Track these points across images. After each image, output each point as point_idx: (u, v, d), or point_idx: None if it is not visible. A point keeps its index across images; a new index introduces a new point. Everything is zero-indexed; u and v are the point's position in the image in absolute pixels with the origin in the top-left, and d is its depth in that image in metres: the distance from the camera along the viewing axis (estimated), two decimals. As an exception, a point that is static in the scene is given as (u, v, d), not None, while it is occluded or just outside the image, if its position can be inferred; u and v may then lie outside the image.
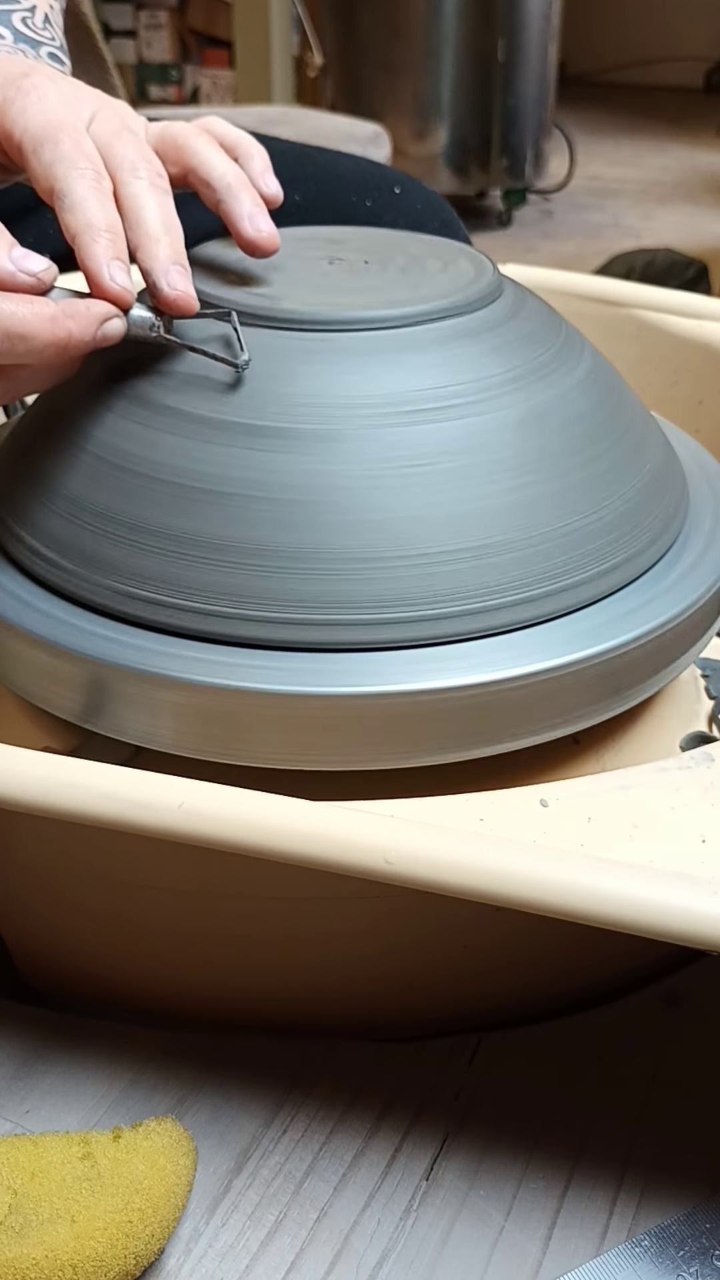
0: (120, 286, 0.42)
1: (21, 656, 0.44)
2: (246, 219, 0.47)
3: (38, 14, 0.61)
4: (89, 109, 0.48)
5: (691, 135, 3.74)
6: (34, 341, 0.40)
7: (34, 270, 0.41)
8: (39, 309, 0.40)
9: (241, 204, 0.47)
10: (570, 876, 0.33)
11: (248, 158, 0.50)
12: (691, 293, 0.73)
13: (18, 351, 0.40)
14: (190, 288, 0.44)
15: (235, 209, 0.47)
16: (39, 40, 0.59)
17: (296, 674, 0.41)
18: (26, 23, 0.60)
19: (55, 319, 0.41)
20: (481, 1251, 0.39)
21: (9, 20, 0.59)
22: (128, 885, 0.43)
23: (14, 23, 0.59)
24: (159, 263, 0.43)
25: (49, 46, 0.60)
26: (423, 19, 2.56)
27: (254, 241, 0.47)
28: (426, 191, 0.83)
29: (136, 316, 0.43)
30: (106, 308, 0.42)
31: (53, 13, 0.63)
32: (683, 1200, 0.40)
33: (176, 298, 0.43)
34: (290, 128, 1.70)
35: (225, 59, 3.20)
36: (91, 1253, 0.35)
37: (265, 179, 0.49)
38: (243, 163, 0.50)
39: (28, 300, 0.40)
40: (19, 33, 0.59)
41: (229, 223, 0.47)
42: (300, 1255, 0.38)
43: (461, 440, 0.43)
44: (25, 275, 0.41)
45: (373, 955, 0.44)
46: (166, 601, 0.42)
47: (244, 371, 0.43)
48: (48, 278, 0.42)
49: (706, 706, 0.52)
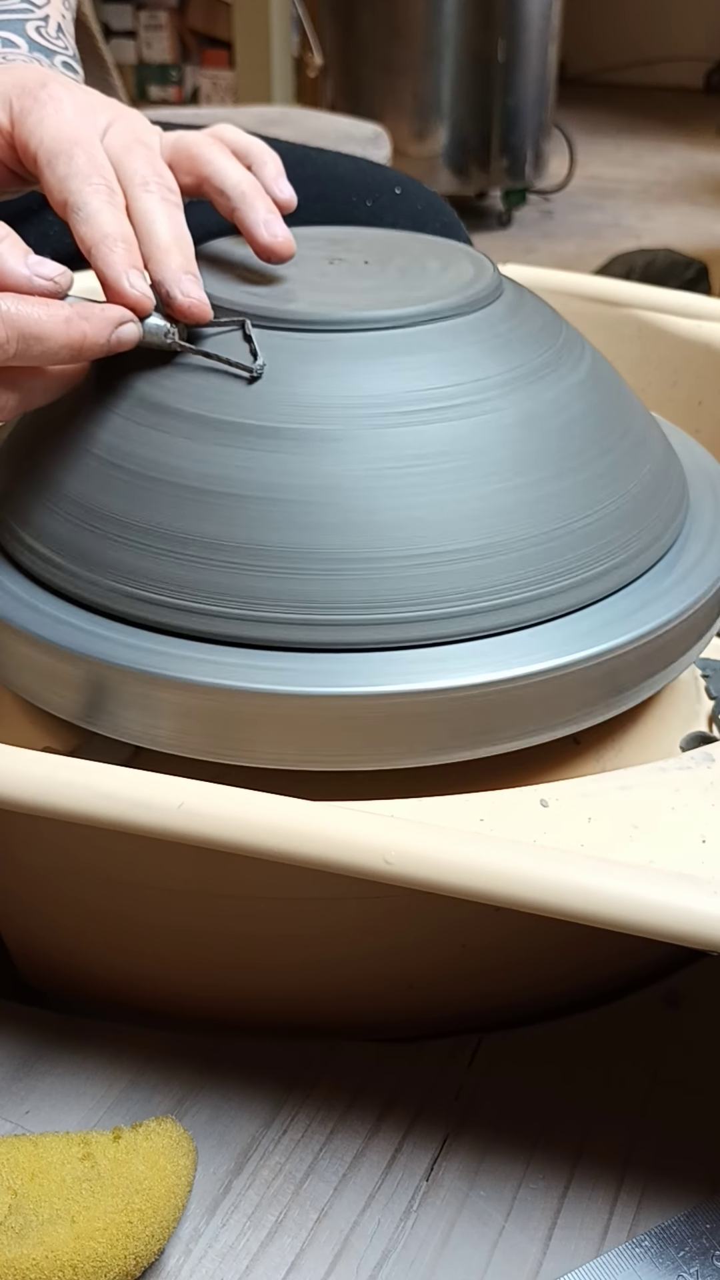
0: (140, 292, 0.43)
1: (22, 657, 0.44)
2: (262, 225, 0.47)
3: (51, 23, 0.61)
4: (104, 120, 0.48)
5: (691, 135, 3.74)
6: (49, 342, 0.41)
7: (50, 275, 0.42)
8: (54, 311, 0.41)
9: (256, 211, 0.47)
10: (570, 876, 0.33)
11: (260, 164, 0.50)
12: (692, 293, 0.73)
13: (33, 353, 0.41)
14: (204, 295, 0.44)
15: (250, 216, 0.47)
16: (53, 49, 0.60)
17: (296, 674, 0.41)
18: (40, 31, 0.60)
19: (70, 320, 0.41)
20: (482, 1252, 0.39)
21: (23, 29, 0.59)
22: (128, 885, 0.43)
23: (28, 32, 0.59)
24: (171, 272, 0.44)
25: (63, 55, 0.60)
26: (423, 19, 2.56)
27: (270, 247, 0.47)
28: (427, 192, 0.83)
29: (152, 324, 0.43)
30: (121, 312, 0.42)
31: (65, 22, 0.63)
32: (683, 1201, 0.40)
33: (190, 305, 0.44)
34: (290, 128, 1.70)
35: (225, 59, 3.20)
36: (91, 1253, 0.35)
37: (278, 184, 0.50)
38: (255, 169, 0.50)
39: (43, 303, 0.41)
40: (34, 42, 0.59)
41: (245, 230, 0.48)
42: (300, 1256, 0.38)
43: (462, 440, 0.43)
44: (41, 280, 0.41)
45: (373, 955, 0.44)
46: (166, 601, 0.42)
47: (258, 378, 0.43)
48: (64, 282, 0.42)
49: (706, 706, 0.52)
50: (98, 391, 0.46)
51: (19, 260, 0.41)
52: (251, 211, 0.47)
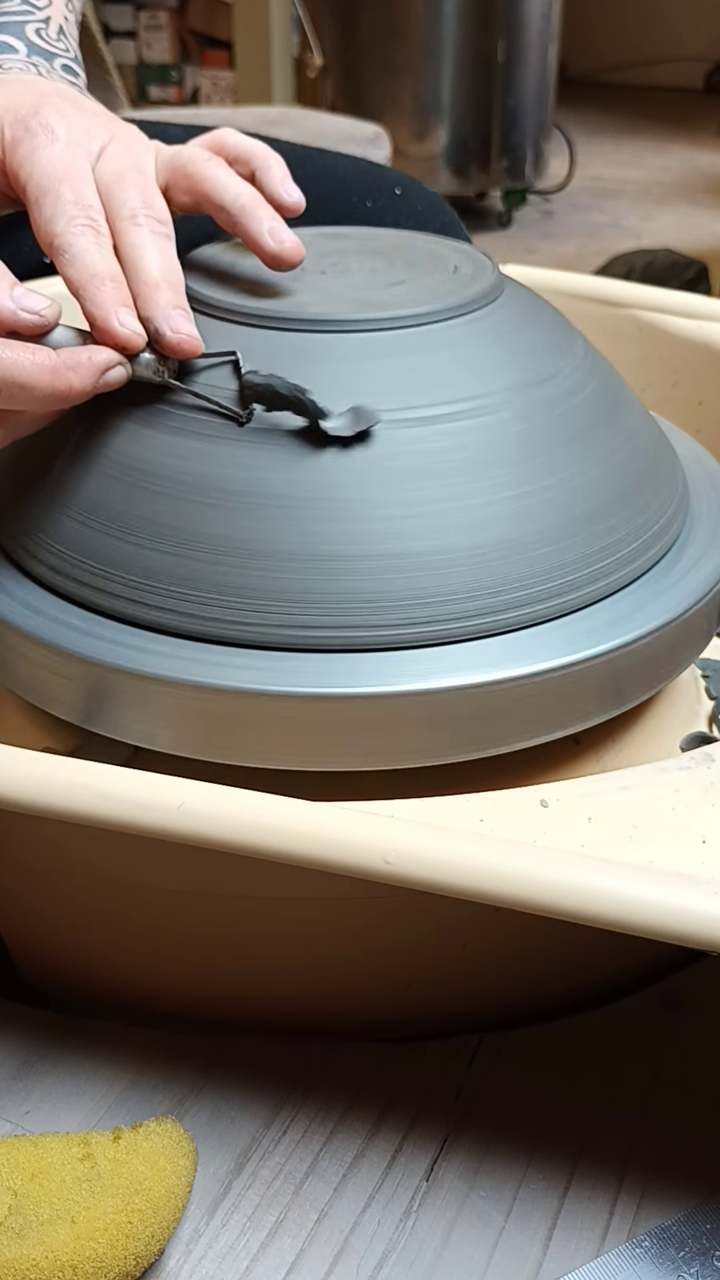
0: (131, 330, 0.42)
1: (22, 657, 0.44)
2: (267, 234, 0.46)
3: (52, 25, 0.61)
4: (98, 144, 0.48)
5: (691, 135, 3.74)
6: (34, 392, 0.40)
7: (36, 309, 0.41)
8: (40, 360, 0.40)
9: (259, 222, 0.47)
10: (570, 877, 0.33)
11: (265, 168, 0.49)
12: (692, 293, 0.73)
13: (17, 399, 0.40)
14: (193, 330, 0.43)
15: (253, 228, 0.47)
16: (53, 52, 0.59)
17: (296, 674, 0.41)
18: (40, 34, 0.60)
19: (56, 370, 0.40)
20: (482, 1252, 0.39)
21: (22, 32, 0.59)
22: (128, 885, 0.43)
23: (28, 34, 0.59)
24: (159, 308, 0.43)
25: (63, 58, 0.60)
26: (423, 20, 2.56)
27: (278, 255, 0.46)
28: (427, 192, 0.83)
29: (143, 359, 0.43)
30: (108, 357, 0.42)
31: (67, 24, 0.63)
32: (683, 1201, 0.40)
33: (179, 341, 0.43)
34: (290, 128, 1.70)
35: (225, 60, 3.20)
36: (91, 1254, 0.35)
37: (285, 187, 0.49)
38: (260, 173, 0.49)
39: (30, 350, 0.40)
40: (33, 45, 0.59)
41: (250, 243, 0.47)
42: (300, 1256, 0.38)
43: (462, 440, 0.43)
44: (27, 314, 0.41)
45: (372, 955, 0.44)
46: (166, 602, 0.42)
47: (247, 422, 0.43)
48: (50, 315, 0.41)
49: (707, 707, 0.52)
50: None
51: (4, 293, 0.41)
52: (254, 223, 0.47)
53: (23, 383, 0.40)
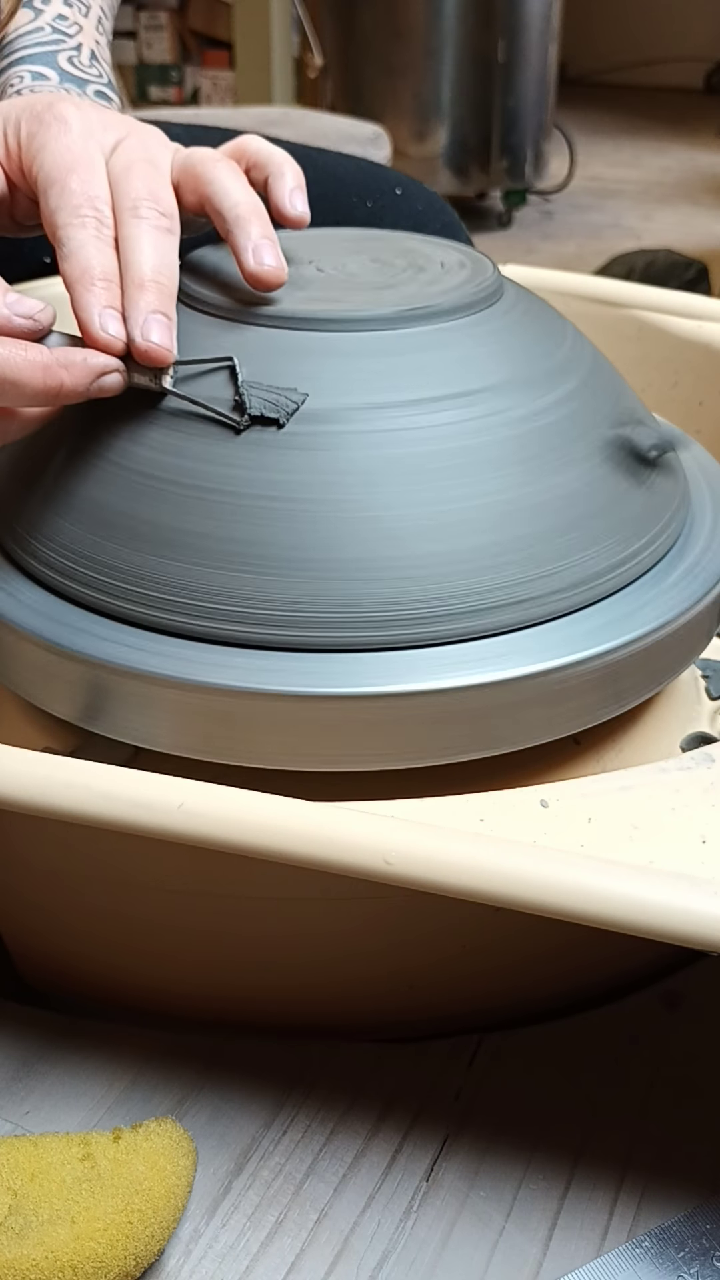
0: (111, 335, 0.41)
1: (22, 657, 0.44)
2: (250, 252, 0.45)
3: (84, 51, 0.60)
4: (113, 137, 0.47)
5: (691, 135, 3.74)
6: (25, 389, 0.40)
7: (29, 313, 0.41)
8: (32, 356, 0.40)
9: (247, 236, 0.45)
10: (570, 877, 0.33)
11: (278, 175, 0.49)
12: (692, 293, 0.73)
13: (8, 396, 0.40)
14: (166, 340, 0.42)
15: (239, 241, 0.45)
16: (85, 79, 0.59)
17: (296, 674, 0.40)
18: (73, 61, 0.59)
19: (48, 368, 0.40)
20: (482, 1252, 0.39)
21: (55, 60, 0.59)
22: (128, 885, 0.43)
23: (60, 63, 0.59)
24: (138, 312, 0.42)
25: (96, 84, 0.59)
26: (423, 20, 2.56)
27: (255, 274, 0.45)
28: (427, 193, 0.84)
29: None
30: (105, 361, 0.41)
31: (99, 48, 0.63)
32: (683, 1201, 0.40)
33: (148, 349, 0.42)
34: (290, 129, 1.70)
35: (225, 60, 3.20)
36: (91, 1254, 0.35)
37: (293, 199, 0.48)
38: (272, 179, 0.48)
39: (21, 346, 0.40)
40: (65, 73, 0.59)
41: (234, 254, 0.46)
42: (300, 1256, 0.38)
43: (462, 440, 0.43)
44: (20, 319, 0.41)
45: (373, 955, 0.44)
46: (166, 602, 0.42)
47: (245, 429, 0.43)
48: (44, 319, 0.41)
49: (707, 707, 0.52)
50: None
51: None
52: (243, 236, 0.45)
53: (14, 379, 0.40)
